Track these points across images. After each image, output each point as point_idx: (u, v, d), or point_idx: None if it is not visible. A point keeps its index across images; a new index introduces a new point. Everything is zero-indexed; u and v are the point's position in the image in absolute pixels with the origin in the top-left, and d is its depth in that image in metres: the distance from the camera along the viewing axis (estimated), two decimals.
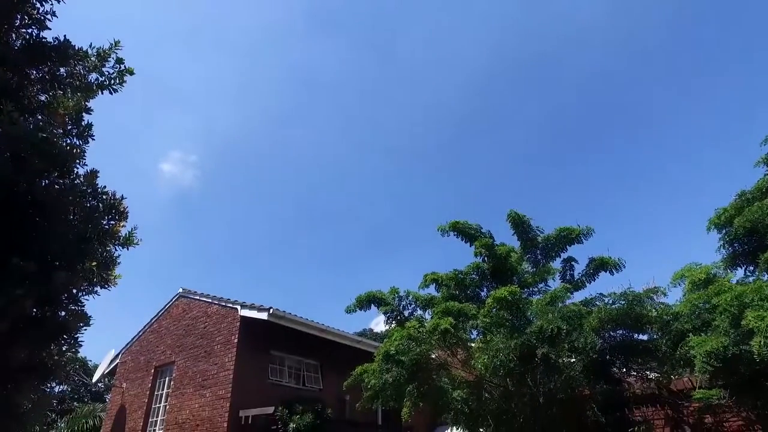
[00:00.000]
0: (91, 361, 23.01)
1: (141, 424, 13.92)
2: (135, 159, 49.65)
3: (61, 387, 22.07)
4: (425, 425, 15.03)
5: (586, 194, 48.13)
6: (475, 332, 7.71)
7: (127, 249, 8.97)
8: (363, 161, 50.28)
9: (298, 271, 62.12)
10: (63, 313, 5.73)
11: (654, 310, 6.12)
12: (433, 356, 7.12)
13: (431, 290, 7.84)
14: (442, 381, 6.63)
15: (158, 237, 51.33)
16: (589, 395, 6.92)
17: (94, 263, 7.36)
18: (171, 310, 15.41)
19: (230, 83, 46.68)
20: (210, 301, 13.65)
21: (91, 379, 16.38)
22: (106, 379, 18.22)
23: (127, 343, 16.77)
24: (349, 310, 7.58)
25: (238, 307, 12.33)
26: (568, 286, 6.87)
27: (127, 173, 46.79)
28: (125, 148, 49.98)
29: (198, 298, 14.29)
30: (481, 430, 7.25)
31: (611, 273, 7.15)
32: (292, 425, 10.46)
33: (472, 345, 7.57)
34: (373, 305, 7.68)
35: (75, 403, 20.68)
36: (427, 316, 7.55)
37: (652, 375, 6.84)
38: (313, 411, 10.80)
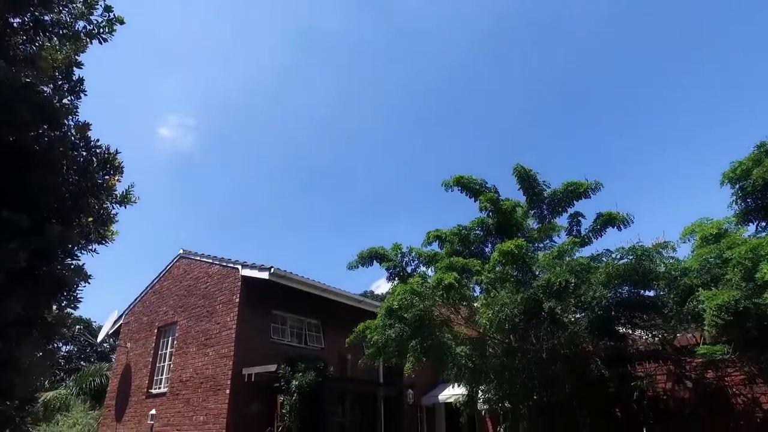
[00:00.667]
0: (95, 322, 23.34)
1: (146, 382, 14.12)
2: (132, 124, 49.01)
3: (68, 347, 22.42)
4: (426, 382, 15.25)
5: (595, 150, 47.69)
6: (478, 289, 7.64)
7: (125, 207, 8.85)
8: (364, 121, 49.62)
9: (299, 233, 62.24)
10: (59, 268, 5.63)
11: (662, 265, 5.98)
12: (436, 313, 7.04)
13: (434, 248, 7.71)
14: (445, 337, 6.57)
15: (160, 202, 51.24)
16: (592, 351, 6.89)
17: (90, 218, 7.23)
18: (172, 271, 15.40)
19: (227, 43, 45.56)
20: (211, 261, 13.61)
21: (96, 340, 16.57)
22: (111, 340, 18.44)
23: (130, 305, 16.86)
24: (350, 267, 7.47)
25: (239, 267, 12.29)
26: (576, 239, 6.71)
27: (125, 138, 46.27)
28: (122, 112, 49.25)
29: (199, 258, 14.25)
30: (482, 386, 7.27)
31: (619, 228, 6.99)
32: (294, 382, 10.56)
33: (476, 304, 7.50)
34: (375, 261, 7.57)
35: (82, 363, 21.05)
36: (431, 273, 7.44)
37: (656, 331, 6.79)
38: (315, 369, 10.89)
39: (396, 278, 7.53)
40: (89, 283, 8.71)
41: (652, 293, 6.65)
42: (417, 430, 14.55)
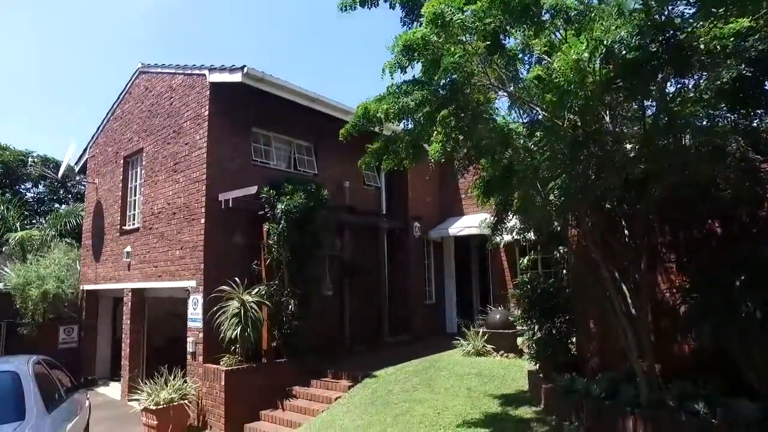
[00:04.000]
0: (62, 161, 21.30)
1: (118, 218, 12.46)
2: None
3: (38, 189, 20.67)
4: (434, 216, 13.57)
5: None
6: (525, 72, 5.15)
7: None
8: None
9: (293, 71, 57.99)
10: None
11: None
12: (474, 79, 4.59)
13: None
14: (490, 108, 4.27)
15: (141, 52, 46.55)
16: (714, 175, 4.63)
17: None
18: (132, 90, 12.80)
19: None
20: (173, 71, 10.93)
21: (58, 175, 14.63)
22: (83, 179, 16.58)
23: (93, 136, 14.62)
24: (343, 6, 4.85)
25: (206, 73, 9.67)
26: None
27: None
28: None
29: (160, 71, 11.54)
30: (539, 185, 5.15)
31: None
32: (280, 206, 8.62)
33: (529, 75, 5.00)
34: None
35: (58, 205, 19.49)
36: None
37: None
38: (305, 191, 8.88)
39: (415, 21, 4.94)
40: None
41: None
42: (424, 265, 13.20)
